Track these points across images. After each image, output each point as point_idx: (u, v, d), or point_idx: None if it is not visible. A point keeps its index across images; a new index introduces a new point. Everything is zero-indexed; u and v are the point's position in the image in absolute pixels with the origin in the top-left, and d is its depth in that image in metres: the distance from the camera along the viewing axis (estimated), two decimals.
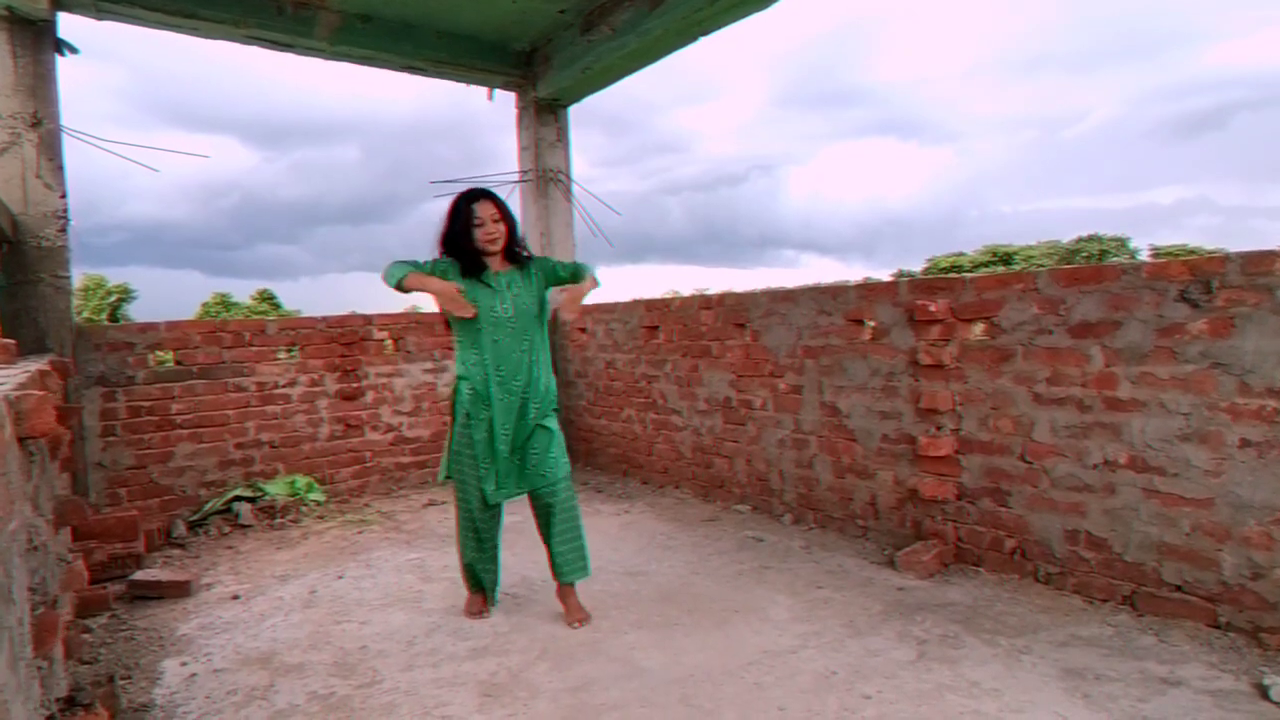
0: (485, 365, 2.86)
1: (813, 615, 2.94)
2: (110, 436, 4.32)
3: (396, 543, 4.10)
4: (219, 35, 4.82)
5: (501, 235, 2.86)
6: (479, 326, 2.84)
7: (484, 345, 2.85)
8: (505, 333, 2.85)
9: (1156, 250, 26.44)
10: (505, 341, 2.86)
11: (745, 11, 4.30)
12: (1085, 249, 24.46)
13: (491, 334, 2.84)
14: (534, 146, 5.84)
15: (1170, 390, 2.71)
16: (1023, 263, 23.48)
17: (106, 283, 22.41)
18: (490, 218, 2.84)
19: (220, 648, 2.86)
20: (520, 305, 2.88)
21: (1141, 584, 2.81)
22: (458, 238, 2.86)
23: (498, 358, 2.85)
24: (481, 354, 2.86)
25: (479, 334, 2.85)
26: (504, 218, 2.88)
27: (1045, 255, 24.17)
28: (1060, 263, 23.08)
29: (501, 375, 2.86)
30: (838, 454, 3.92)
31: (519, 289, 2.89)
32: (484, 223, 2.83)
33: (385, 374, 5.27)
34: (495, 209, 2.86)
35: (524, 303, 2.89)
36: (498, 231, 2.84)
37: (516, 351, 2.87)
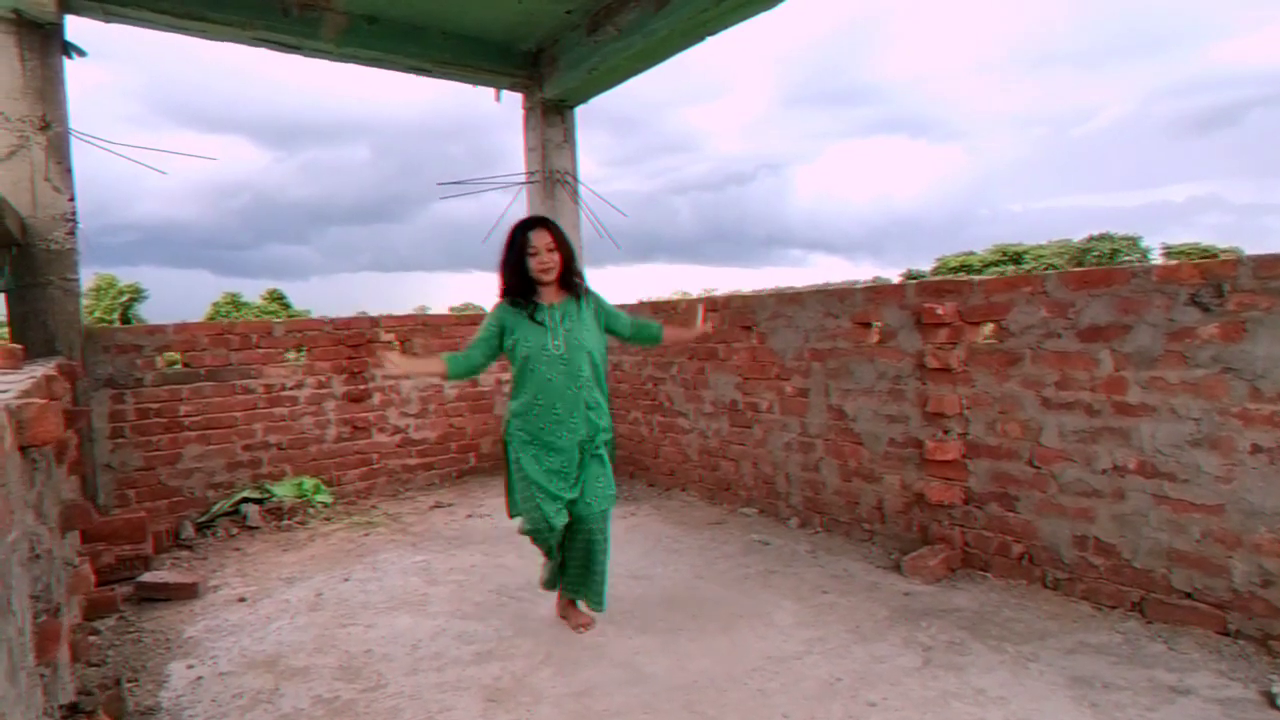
0: (539, 404, 2.77)
1: (818, 620, 2.92)
2: (119, 438, 4.35)
3: (403, 545, 4.11)
4: (226, 37, 4.83)
5: (556, 265, 2.78)
6: (531, 366, 2.76)
7: (537, 384, 2.76)
8: (558, 371, 2.75)
9: (1169, 249, 26.23)
10: (558, 380, 2.75)
11: (751, 11, 4.27)
12: (1097, 248, 24.27)
13: (545, 372, 2.75)
14: (540, 148, 5.83)
15: (1181, 395, 2.68)
16: (1033, 262, 23.33)
17: (118, 283, 22.57)
18: (545, 247, 2.76)
19: (226, 650, 2.87)
20: (573, 340, 2.77)
21: (1151, 591, 2.78)
22: (513, 266, 2.80)
23: (551, 396, 2.75)
24: (534, 393, 2.77)
25: (531, 373, 2.77)
26: (559, 247, 2.79)
27: (1056, 254, 24.01)
28: (1071, 262, 22.91)
29: (557, 415, 2.76)
30: (844, 457, 3.89)
31: (572, 322, 2.79)
32: (538, 251, 2.76)
33: (392, 376, 5.27)
34: (550, 238, 2.78)
35: (576, 337, 2.78)
36: (552, 261, 2.76)
37: (571, 389, 2.76)
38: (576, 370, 2.77)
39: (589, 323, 2.85)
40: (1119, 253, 23.83)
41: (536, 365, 2.75)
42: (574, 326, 2.79)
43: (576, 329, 2.79)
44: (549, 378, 2.75)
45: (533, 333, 2.77)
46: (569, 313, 2.81)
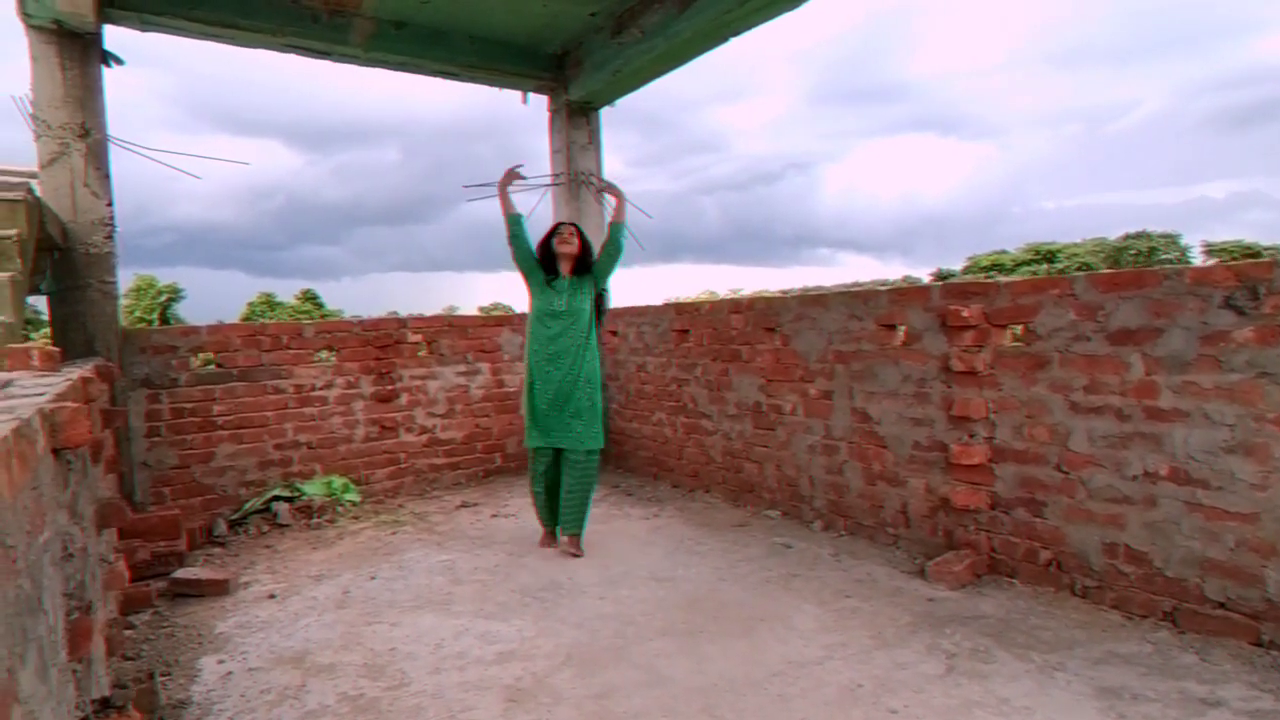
0: (540, 345, 3.83)
1: (840, 625, 2.90)
2: (155, 437, 4.46)
3: (429, 544, 4.17)
4: (258, 44, 4.94)
5: (574, 249, 3.87)
6: (537, 315, 3.86)
7: (541, 330, 3.84)
8: (558, 323, 3.81)
9: (1209, 247, 25.53)
10: (556, 328, 3.81)
11: (775, 12, 4.26)
12: (1134, 246, 23.70)
13: (548, 322, 3.83)
14: (566, 149, 5.87)
15: (1214, 400, 2.61)
16: (1067, 261, 22.85)
17: (157, 283, 23.15)
18: (569, 234, 3.89)
19: (256, 646, 2.94)
20: (574, 304, 3.83)
21: (1183, 600, 2.72)
22: (543, 244, 3.95)
23: (549, 341, 3.81)
24: (538, 336, 3.85)
25: (537, 320, 3.86)
26: (579, 236, 3.91)
27: (1091, 253, 23.49)
28: (1107, 260, 22.40)
29: (550, 354, 3.81)
30: (868, 460, 3.86)
31: (576, 291, 3.85)
32: (564, 236, 3.89)
33: (419, 376, 5.35)
34: (575, 230, 3.92)
35: (577, 301, 3.83)
36: (572, 244, 3.87)
37: (565, 338, 3.79)
38: (571, 324, 3.82)
39: (589, 293, 3.90)
40: (1157, 250, 23.23)
41: (542, 315, 3.85)
42: (576, 293, 3.85)
43: (577, 296, 3.85)
44: (549, 326, 3.83)
45: (545, 291, 3.87)
46: (575, 285, 3.87)
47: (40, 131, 4.12)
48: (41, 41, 4.10)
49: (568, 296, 3.82)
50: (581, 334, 3.81)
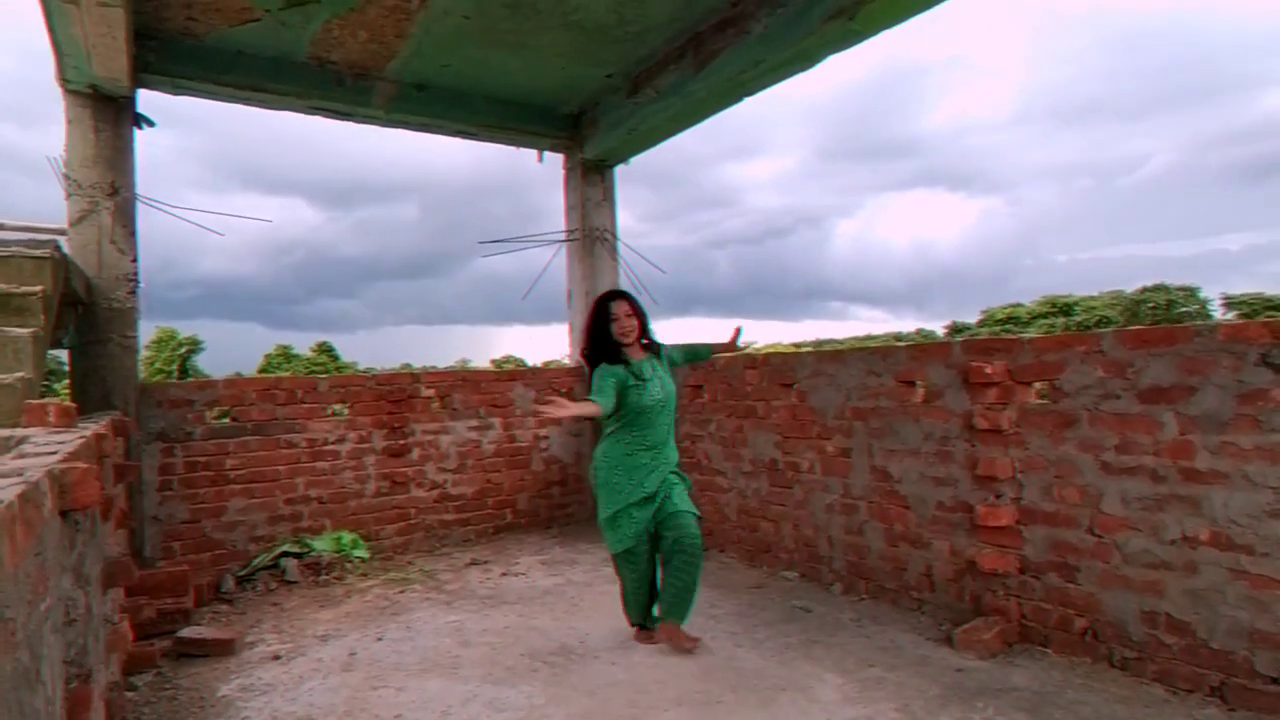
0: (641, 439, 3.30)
1: (864, 697, 2.76)
2: (167, 491, 4.43)
3: (437, 603, 4.06)
4: (285, 106, 5.08)
5: (634, 330, 3.33)
6: (640, 408, 3.27)
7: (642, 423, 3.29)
8: (656, 413, 3.30)
9: (1229, 299, 25.32)
10: (656, 419, 3.31)
11: (789, 73, 4.33)
12: (1151, 299, 23.55)
13: (648, 416, 3.28)
14: (581, 206, 5.94)
15: (1255, 461, 2.52)
16: (1084, 314, 22.71)
17: (178, 335, 23.50)
18: (624, 314, 3.31)
19: (258, 711, 2.84)
20: (667, 388, 3.37)
21: (1231, 674, 2.57)
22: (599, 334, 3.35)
23: (643, 432, 3.30)
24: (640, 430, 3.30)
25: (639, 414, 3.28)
26: (636, 314, 3.35)
27: (1108, 306, 23.34)
28: (1125, 313, 22.24)
29: (646, 445, 3.31)
30: (890, 521, 3.75)
31: (662, 374, 3.37)
32: (619, 318, 3.31)
33: (432, 431, 5.31)
34: (629, 306, 3.35)
35: (669, 386, 3.39)
36: (630, 325, 3.31)
37: (662, 427, 3.34)
38: (667, 411, 3.36)
39: (667, 372, 3.44)
40: (1175, 304, 23.06)
41: (643, 407, 3.27)
42: (665, 377, 3.39)
43: (666, 379, 3.39)
44: (649, 419, 3.29)
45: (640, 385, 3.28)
46: (655, 365, 3.38)
47: (71, 190, 4.23)
48: (77, 105, 4.24)
49: (659, 383, 3.32)
50: (672, 417, 3.41)
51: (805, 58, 4.10)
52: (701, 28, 4.50)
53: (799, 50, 4.01)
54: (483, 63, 4.97)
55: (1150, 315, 22.98)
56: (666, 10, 4.35)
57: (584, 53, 4.85)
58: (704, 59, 4.50)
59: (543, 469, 5.77)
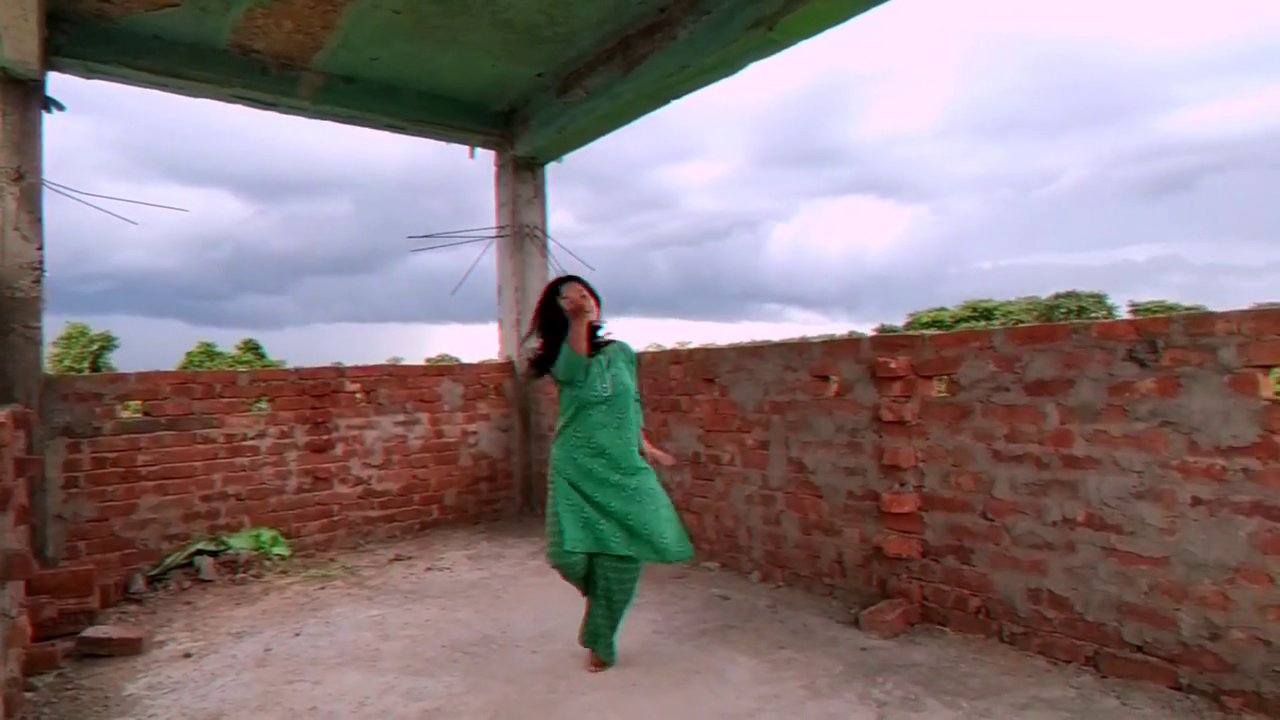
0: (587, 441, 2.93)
1: (773, 677, 2.89)
2: (73, 488, 4.26)
3: (358, 599, 4.02)
4: (205, 94, 4.95)
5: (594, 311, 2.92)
6: (582, 402, 2.94)
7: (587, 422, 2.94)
8: (601, 410, 2.94)
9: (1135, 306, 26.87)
10: (600, 416, 2.93)
11: (714, 78, 4.46)
12: (1064, 305, 24.86)
13: (590, 412, 2.94)
14: (511, 203, 5.96)
15: (1123, 448, 2.74)
16: (1003, 318, 23.83)
17: (89, 331, 22.31)
18: (577, 295, 2.84)
19: (166, 709, 2.77)
20: (619, 383, 2.98)
21: (1104, 644, 2.79)
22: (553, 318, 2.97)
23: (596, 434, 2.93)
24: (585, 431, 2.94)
25: (581, 409, 2.95)
26: (592, 294, 2.95)
27: (1025, 311, 24.55)
28: (1040, 318, 23.41)
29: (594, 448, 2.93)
30: (804, 510, 3.90)
31: (616, 366, 3.00)
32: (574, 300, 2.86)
33: (357, 426, 5.24)
34: (583, 287, 2.95)
35: (621, 381, 2.99)
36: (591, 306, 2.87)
37: (610, 429, 2.93)
38: (620, 409, 2.96)
39: (631, 371, 3.08)
40: (1086, 310, 24.40)
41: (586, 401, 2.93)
42: (619, 372, 3.00)
43: (621, 374, 3.01)
44: (592, 415, 2.93)
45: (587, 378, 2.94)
46: (613, 359, 3.02)
47: None
48: None
49: (607, 377, 2.96)
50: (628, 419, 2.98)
51: (728, 64, 4.24)
52: (630, 31, 4.59)
53: (722, 57, 4.15)
54: (412, 57, 4.95)
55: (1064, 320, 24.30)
56: (596, 13, 4.42)
57: (514, 51, 4.88)
58: (632, 61, 4.59)
59: (471, 465, 5.76)
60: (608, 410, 2.94)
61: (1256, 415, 2.44)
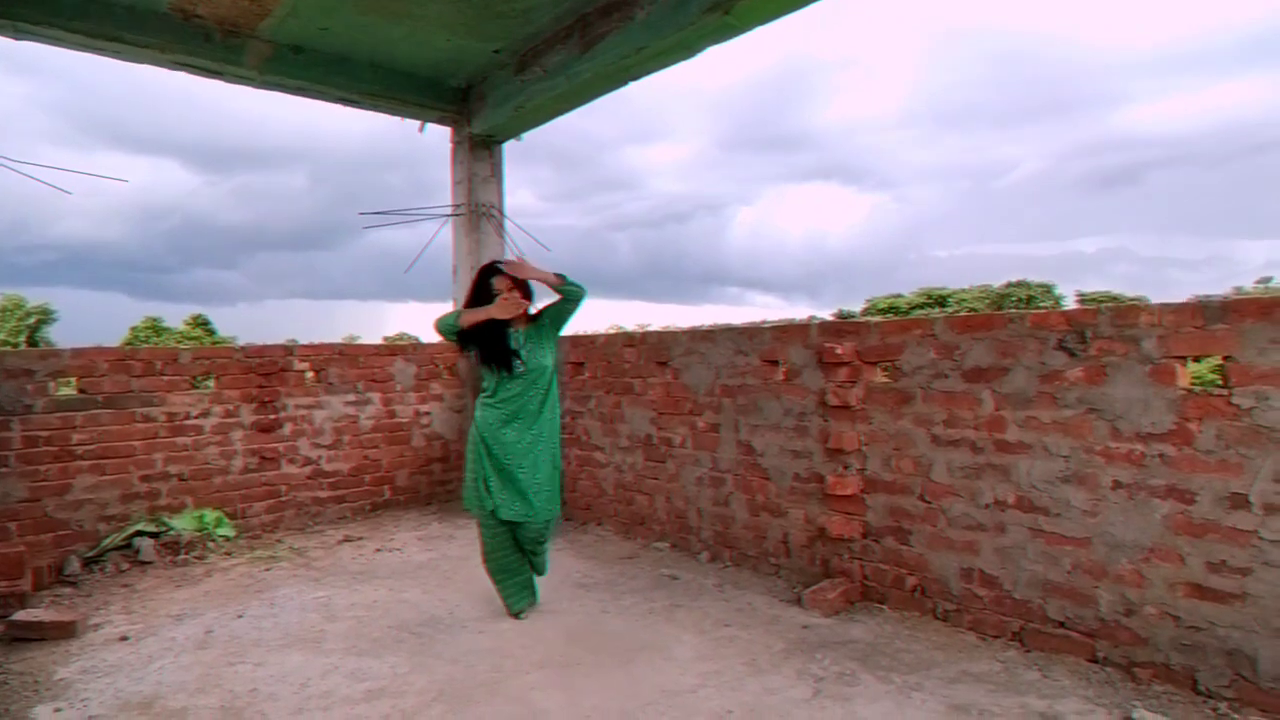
0: (499, 408, 3.32)
1: (716, 654, 2.95)
2: (2, 468, 4.10)
3: (305, 580, 3.98)
4: (144, 59, 4.76)
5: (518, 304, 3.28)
6: (499, 377, 3.33)
7: (502, 394, 3.33)
8: (519, 383, 3.32)
9: (1083, 297, 27.72)
10: (515, 388, 3.32)
11: (671, 60, 4.45)
12: (1015, 293, 25.55)
13: (509, 384, 3.32)
14: (467, 181, 5.87)
15: (1052, 434, 2.86)
16: (956, 305, 24.40)
17: (25, 303, 21.39)
18: (507, 288, 3.28)
19: (100, 692, 2.72)
20: (532, 358, 3.34)
21: (1029, 621, 2.92)
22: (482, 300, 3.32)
23: (509, 402, 3.31)
24: (497, 401, 3.33)
25: (499, 384, 3.34)
26: (518, 286, 3.31)
27: (977, 299, 25.17)
28: (991, 305, 24.02)
29: (506, 415, 3.31)
30: (752, 492, 3.98)
31: (533, 344, 3.36)
32: (501, 293, 3.27)
33: (305, 406, 5.15)
34: (510, 281, 3.30)
35: (535, 356, 3.35)
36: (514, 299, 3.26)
37: (526, 396, 3.33)
38: (533, 383, 3.34)
39: (547, 342, 3.40)
40: (1034, 299, 25.11)
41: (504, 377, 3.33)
42: (534, 348, 3.36)
43: (536, 350, 3.36)
44: (512, 389, 3.32)
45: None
46: (531, 335, 3.37)
47: None
48: None
49: (525, 351, 3.33)
50: (542, 392, 3.35)
51: (685, 47, 4.23)
52: (588, 9, 4.53)
53: (680, 39, 4.13)
54: (364, 28, 4.82)
55: (1015, 308, 25.01)
56: None
57: (470, 26, 4.79)
58: (590, 41, 4.55)
59: (424, 445, 5.72)
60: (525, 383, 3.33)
61: (1173, 404, 2.57)
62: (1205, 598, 2.50)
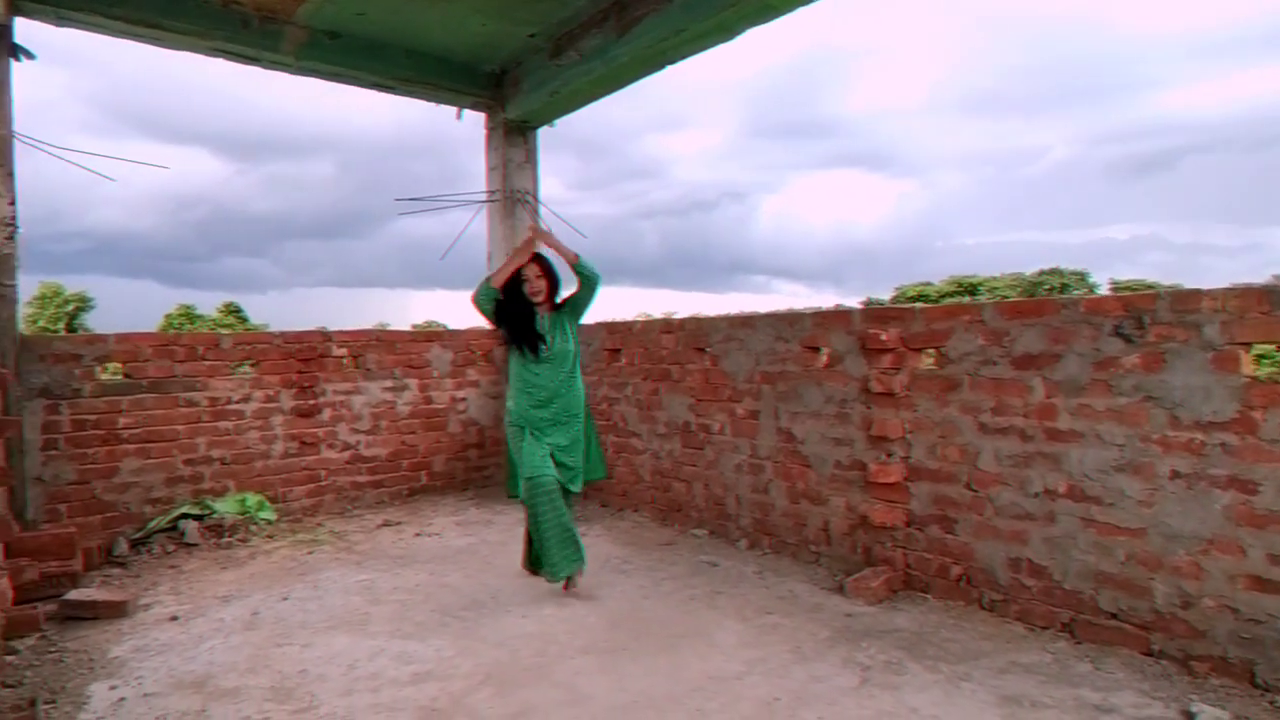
0: (529, 393, 3.50)
1: (760, 641, 2.94)
2: (52, 450, 4.20)
3: (347, 564, 4.03)
4: (183, 46, 4.80)
5: (543, 291, 3.50)
6: (524, 361, 3.51)
7: (527, 376, 3.50)
8: (545, 367, 3.49)
9: (1116, 284, 27.14)
10: (545, 374, 3.49)
11: (711, 42, 4.39)
12: (1047, 281, 25.06)
13: (535, 368, 3.49)
14: (502, 167, 5.86)
15: (1106, 422, 2.79)
16: (987, 294, 23.99)
17: (64, 291, 21.85)
18: (534, 275, 3.48)
19: (153, 671, 2.78)
20: (557, 343, 3.51)
21: (1080, 612, 2.87)
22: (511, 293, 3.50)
23: (539, 387, 3.49)
24: (526, 385, 3.50)
25: (521, 366, 3.52)
26: (545, 274, 3.52)
27: (1009, 287, 24.72)
28: (1024, 294, 23.61)
29: (540, 400, 3.49)
30: (792, 479, 3.95)
31: (557, 330, 3.53)
32: (529, 279, 3.47)
33: (344, 391, 5.20)
34: (539, 268, 3.50)
35: (559, 341, 3.52)
36: (540, 287, 3.49)
37: (555, 381, 3.49)
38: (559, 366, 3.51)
39: (569, 328, 3.57)
40: (1068, 287, 24.62)
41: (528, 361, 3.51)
42: (557, 335, 3.52)
43: (559, 337, 3.52)
44: (537, 372, 3.50)
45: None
46: (556, 321, 3.54)
47: None
48: None
49: (550, 336, 3.52)
50: (567, 374, 3.54)
51: (725, 29, 4.17)
52: None
53: (719, 21, 4.08)
54: (400, 13, 4.82)
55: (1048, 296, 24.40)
56: None
57: (505, 10, 4.77)
58: (627, 24, 4.50)
59: (460, 431, 5.75)
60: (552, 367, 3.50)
61: (1236, 391, 2.49)
62: (1267, 590, 2.44)
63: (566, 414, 3.54)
